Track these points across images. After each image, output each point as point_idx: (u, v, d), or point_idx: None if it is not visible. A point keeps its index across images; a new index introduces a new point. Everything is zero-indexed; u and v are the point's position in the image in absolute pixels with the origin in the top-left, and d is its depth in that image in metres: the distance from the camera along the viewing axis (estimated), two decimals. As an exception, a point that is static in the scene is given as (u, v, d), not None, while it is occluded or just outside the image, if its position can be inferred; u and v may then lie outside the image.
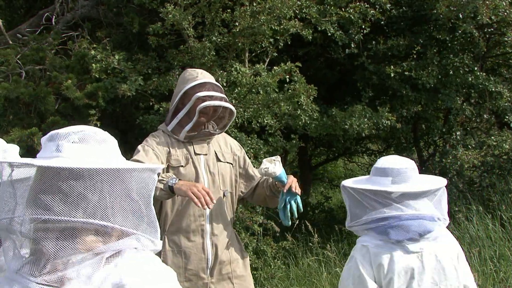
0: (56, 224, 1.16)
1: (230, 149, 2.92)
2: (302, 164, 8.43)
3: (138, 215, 1.27)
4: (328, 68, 6.87)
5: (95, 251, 1.19)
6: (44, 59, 5.23)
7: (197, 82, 2.71)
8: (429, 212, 2.04)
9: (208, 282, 2.71)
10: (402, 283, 2.00)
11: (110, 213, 1.21)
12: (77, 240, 1.17)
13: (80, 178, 1.19)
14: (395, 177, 2.05)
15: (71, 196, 1.17)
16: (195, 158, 2.75)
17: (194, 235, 2.70)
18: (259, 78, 4.96)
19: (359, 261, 2.06)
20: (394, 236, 2.00)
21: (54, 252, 1.15)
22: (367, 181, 2.12)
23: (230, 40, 5.10)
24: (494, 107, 6.58)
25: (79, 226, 1.17)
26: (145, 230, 1.28)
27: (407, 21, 6.39)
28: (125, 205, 1.25)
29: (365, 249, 2.06)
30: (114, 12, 5.92)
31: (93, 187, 1.19)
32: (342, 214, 8.06)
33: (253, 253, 5.08)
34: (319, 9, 5.44)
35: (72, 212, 1.16)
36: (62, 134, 1.26)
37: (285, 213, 2.76)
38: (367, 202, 2.05)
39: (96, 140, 1.29)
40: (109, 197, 1.22)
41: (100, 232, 1.20)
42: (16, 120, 4.86)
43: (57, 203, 1.16)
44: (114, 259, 1.21)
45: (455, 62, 6.06)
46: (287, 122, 5.34)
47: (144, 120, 4.93)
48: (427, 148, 7.93)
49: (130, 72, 4.93)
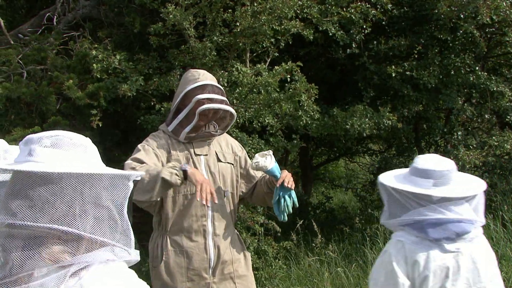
0: (21, 230, 1.13)
1: (231, 150, 2.92)
2: (303, 164, 8.42)
3: (109, 223, 1.22)
4: (329, 68, 6.87)
5: (61, 264, 1.14)
6: (46, 59, 5.24)
7: (198, 84, 2.71)
8: (469, 216, 2.04)
9: (210, 282, 2.71)
10: (437, 281, 2.00)
11: (78, 219, 1.16)
12: (42, 249, 1.13)
13: (48, 183, 1.16)
14: (436, 179, 2.03)
15: (37, 201, 1.14)
16: (195, 158, 2.75)
17: (196, 235, 2.71)
18: (260, 78, 4.96)
19: (393, 256, 2.03)
20: (432, 234, 2.00)
21: (19, 261, 1.11)
22: (407, 181, 2.10)
23: (231, 40, 5.10)
24: (495, 107, 6.58)
25: (44, 233, 1.13)
26: (118, 239, 1.23)
27: (408, 21, 6.39)
28: (94, 212, 1.20)
29: (401, 245, 2.05)
30: (115, 12, 5.92)
31: (60, 192, 1.16)
32: (343, 214, 8.06)
33: (254, 253, 5.08)
34: (320, 9, 5.44)
35: (37, 217, 1.13)
36: (35, 139, 1.24)
37: (279, 208, 2.75)
38: (407, 202, 2.04)
39: (71, 144, 1.25)
40: (77, 203, 1.17)
41: (67, 242, 1.16)
42: (17, 120, 4.86)
43: (23, 208, 1.13)
44: (80, 272, 1.16)
45: (457, 62, 6.06)
46: (288, 122, 5.34)
47: (145, 120, 4.93)
48: (428, 148, 7.92)
49: (131, 72, 4.93)
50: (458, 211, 2.03)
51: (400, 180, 2.11)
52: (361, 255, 5.41)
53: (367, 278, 4.88)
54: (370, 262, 5.13)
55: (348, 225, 6.21)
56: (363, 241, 5.60)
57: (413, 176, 2.07)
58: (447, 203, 2.01)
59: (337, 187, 10.30)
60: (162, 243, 2.73)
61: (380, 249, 5.32)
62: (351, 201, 9.19)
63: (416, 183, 2.05)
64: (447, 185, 2.04)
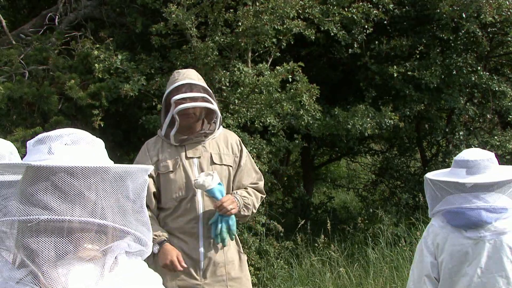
0: (56, 224, 1.13)
1: (232, 150, 2.86)
2: (305, 164, 8.41)
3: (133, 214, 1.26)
4: (331, 68, 6.87)
5: (95, 260, 1.16)
6: (47, 59, 5.24)
7: (173, 86, 2.69)
8: (501, 204, 2.15)
9: (202, 283, 2.69)
10: (454, 263, 2.20)
11: (108, 212, 1.20)
12: (78, 247, 1.14)
13: (76, 177, 1.17)
14: (470, 168, 2.19)
15: (70, 195, 1.15)
16: (185, 162, 2.72)
17: (187, 237, 2.70)
18: (261, 78, 4.96)
19: (424, 237, 2.33)
20: (451, 221, 2.21)
21: (54, 257, 1.12)
22: (445, 173, 2.32)
23: (233, 40, 5.10)
24: (497, 107, 6.57)
25: (77, 227, 1.15)
26: (141, 230, 1.26)
27: (410, 21, 6.38)
28: (122, 205, 1.23)
29: (431, 229, 2.32)
30: (117, 12, 5.92)
31: (90, 186, 1.18)
32: (345, 214, 8.06)
33: (256, 253, 5.08)
34: (322, 9, 5.43)
35: (72, 211, 1.14)
36: (53, 137, 1.25)
37: (215, 231, 2.68)
38: (439, 192, 2.26)
39: (87, 142, 1.28)
40: (107, 196, 1.21)
41: (95, 238, 1.18)
42: (19, 120, 4.86)
43: (57, 203, 1.14)
44: (114, 268, 1.19)
45: (458, 62, 6.05)
46: (290, 122, 5.34)
47: (147, 120, 4.93)
48: (430, 148, 7.91)
49: (133, 72, 4.93)
50: (488, 199, 2.14)
51: (440, 174, 2.34)
52: (363, 255, 5.40)
53: (369, 278, 4.87)
54: (372, 262, 5.13)
55: (350, 225, 6.20)
56: (365, 241, 5.59)
57: (452, 168, 2.29)
58: (479, 191, 2.15)
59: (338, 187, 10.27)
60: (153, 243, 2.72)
61: (382, 249, 5.32)
62: (353, 201, 9.18)
63: (452, 174, 2.25)
64: (480, 174, 2.18)
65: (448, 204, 2.21)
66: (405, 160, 7.83)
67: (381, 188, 8.13)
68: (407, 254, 5.11)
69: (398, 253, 5.18)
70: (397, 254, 5.17)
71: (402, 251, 5.18)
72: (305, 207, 7.25)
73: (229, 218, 2.69)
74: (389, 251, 5.28)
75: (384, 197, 7.75)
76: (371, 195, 8.16)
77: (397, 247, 5.31)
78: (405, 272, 4.80)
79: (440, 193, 2.24)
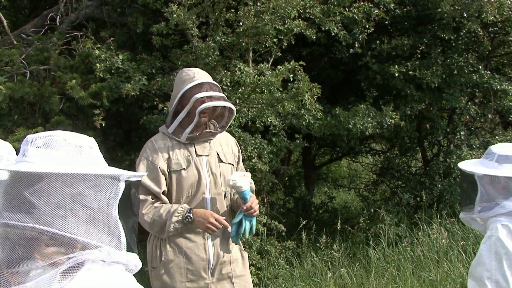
0: (11, 230, 1.13)
1: (231, 150, 2.91)
2: (306, 164, 8.41)
3: (96, 224, 1.20)
4: (332, 68, 6.86)
5: (54, 263, 1.14)
6: (49, 59, 5.24)
7: (194, 83, 2.69)
8: None
9: (209, 282, 2.72)
10: None
11: (63, 221, 1.15)
12: (34, 250, 1.13)
13: (36, 183, 1.16)
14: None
15: (26, 201, 1.14)
16: (196, 159, 2.74)
17: (196, 236, 2.71)
18: (263, 78, 4.96)
19: (503, 240, 2.11)
20: None
21: (6, 260, 1.12)
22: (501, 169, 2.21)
23: (234, 40, 5.09)
24: (498, 107, 6.56)
25: (32, 235, 1.13)
26: (106, 241, 1.21)
27: (411, 20, 6.37)
28: (81, 213, 1.18)
29: (507, 229, 2.13)
30: (118, 12, 5.92)
31: (47, 192, 1.15)
32: (346, 214, 8.05)
33: (257, 253, 5.08)
34: (323, 9, 5.42)
35: (24, 218, 1.13)
36: (30, 139, 1.25)
37: (239, 230, 2.75)
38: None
39: (64, 145, 1.24)
40: (63, 204, 1.16)
41: (62, 243, 1.15)
42: (21, 119, 4.87)
43: (13, 208, 1.14)
44: (72, 272, 1.15)
45: (460, 62, 6.04)
46: (291, 121, 5.34)
47: (148, 120, 4.93)
48: (431, 148, 7.90)
49: (134, 72, 4.93)
50: None
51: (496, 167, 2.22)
52: (364, 255, 5.40)
53: (370, 278, 4.87)
54: (374, 262, 5.12)
55: (351, 225, 6.20)
56: (367, 241, 5.59)
57: (506, 163, 2.18)
58: None
59: (339, 187, 10.27)
60: (161, 244, 2.73)
61: (384, 249, 5.31)
62: (354, 201, 9.19)
63: None
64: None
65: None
66: (406, 160, 7.83)
67: (382, 188, 8.13)
68: (408, 254, 5.11)
69: (399, 253, 5.18)
70: (398, 254, 5.16)
71: (404, 251, 5.17)
72: (306, 207, 7.25)
73: (253, 218, 2.77)
74: (390, 251, 5.27)
75: (385, 197, 7.75)
76: (372, 195, 8.15)
77: (398, 247, 5.31)
78: (406, 272, 4.80)
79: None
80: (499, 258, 2.09)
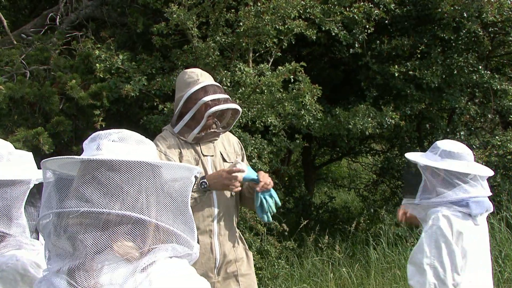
0: (93, 218, 1.16)
1: (234, 149, 2.94)
2: (306, 164, 8.41)
3: (176, 213, 1.27)
4: (332, 68, 6.86)
5: (129, 259, 1.17)
6: (49, 59, 5.24)
7: (199, 86, 2.71)
8: (489, 193, 2.43)
9: (215, 281, 2.73)
10: (472, 251, 2.31)
11: (148, 207, 1.21)
12: (114, 242, 1.16)
13: (116, 171, 1.20)
14: (469, 160, 2.41)
15: (109, 188, 1.18)
16: (203, 159, 2.77)
17: (202, 236, 2.72)
18: (263, 78, 4.96)
19: (444, 229, 2.29)
20: (474, 210, 2.31)
21: (91, 246, 1.14)
22: (445, 162, 2.41)
23: (234, 40, 5.09)
24: (498, 106, 6.56)
25: (113, 220, 1.17)
26: (182, 229, 1.27)
27: (411, 20, 6.37)
28: (162, 201, 1.25)
29: (446, 219, 2.31)
30: (118, 12, 5.92)
31: (131, 180, 1.21)
32: (346, 214, 8.05)
33: (257, 253, 5.08)
34: (323, 9, 5.42)
35: (110, 203, 1.17)
36: (103, 135, 1.31)
37: (263, 210, 2.78)
38: (452, 180, 2.36)
39: (134, 140, 1.33)
40: (146, 191, 1.23)
41: (136, 236, 1.19)
42: (21, 120, 4.86)
43: (96, 196, 1.17)
44: (148, 268, 1.19)
45: (460, 62, 6.04)
46: (291, 122, 5.33)
47: (148, 120, 4.93)
48: (431, 148, 7.89)
49: (134, 72, 4.93)
50: (487, 189, 2.40)
51: (439, 160, 2.43)
52: (364, 255, 5.40)
53: (370, 278, 4.87)
54: (374, 262, 5.12)
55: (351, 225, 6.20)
56: (367, 241, 5.59)
57: (447, 158, 2.39)
58: (480, 181, 2.37)
59: (339, 187, 10.27)
60: None
61: (384, 249, 5.31)
62: (354, 201, 9.18)
63: (453, 164, 2.37)
64: (478, 166, 2.42)
65: (467, 193, 2.32)
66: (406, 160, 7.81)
67: (382, 188, 8.13)
68: (408, 254, 5.10)
69: (399, 253, 5.18)
70: (398, 254, 5.17)
71: (404, 251, 5.18)
72: (306, 207, 7.24)
73: (270, 192, 2.78)
74: (390, 251, 5.27)
75: (385, 197, 7.75)
76: (372, 195, 8.15)
77: (398, 247, 5.31)
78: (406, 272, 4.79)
79: (453, 180, 2.34)
80: (439, 246, 2.25)
